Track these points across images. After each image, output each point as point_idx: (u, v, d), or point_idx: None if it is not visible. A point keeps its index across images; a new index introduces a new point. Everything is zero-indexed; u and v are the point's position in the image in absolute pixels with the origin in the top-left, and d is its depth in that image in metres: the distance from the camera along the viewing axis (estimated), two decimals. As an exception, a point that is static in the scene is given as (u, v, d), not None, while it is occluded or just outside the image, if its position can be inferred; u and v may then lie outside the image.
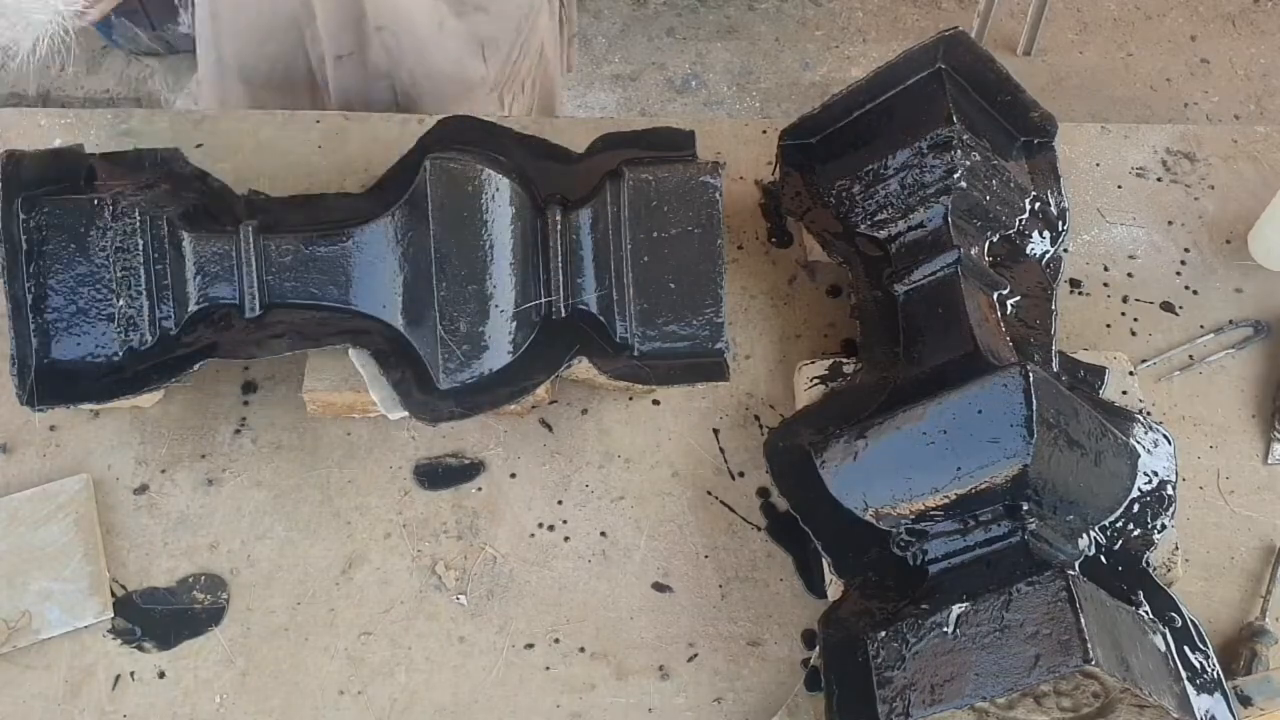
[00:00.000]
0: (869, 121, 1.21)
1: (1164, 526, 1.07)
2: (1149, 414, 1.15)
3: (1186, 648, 0.99)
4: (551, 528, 1.11)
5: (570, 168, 1.18)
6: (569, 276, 1.11)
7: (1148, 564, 1.05)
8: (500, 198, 1.08)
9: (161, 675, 1.03)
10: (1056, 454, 0.96)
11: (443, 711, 1.02)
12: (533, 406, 1.16)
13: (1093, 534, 1.03)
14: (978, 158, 1.14)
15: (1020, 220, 1.20)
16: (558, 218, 1.11)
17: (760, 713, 1.03)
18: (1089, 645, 0.83)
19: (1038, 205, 1.23)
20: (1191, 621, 1.01)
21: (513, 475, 1.14)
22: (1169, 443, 1.11)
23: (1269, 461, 1.17)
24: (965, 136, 1.13)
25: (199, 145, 1.31)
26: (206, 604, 1.06)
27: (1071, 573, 0.88)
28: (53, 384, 1.06)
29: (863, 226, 1.19)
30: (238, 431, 1.15)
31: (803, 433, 1.10)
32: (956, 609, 0.91)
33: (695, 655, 1.06)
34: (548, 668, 1.05)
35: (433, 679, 1.04)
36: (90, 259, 1.07)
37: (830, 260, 1.22)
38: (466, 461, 1.15)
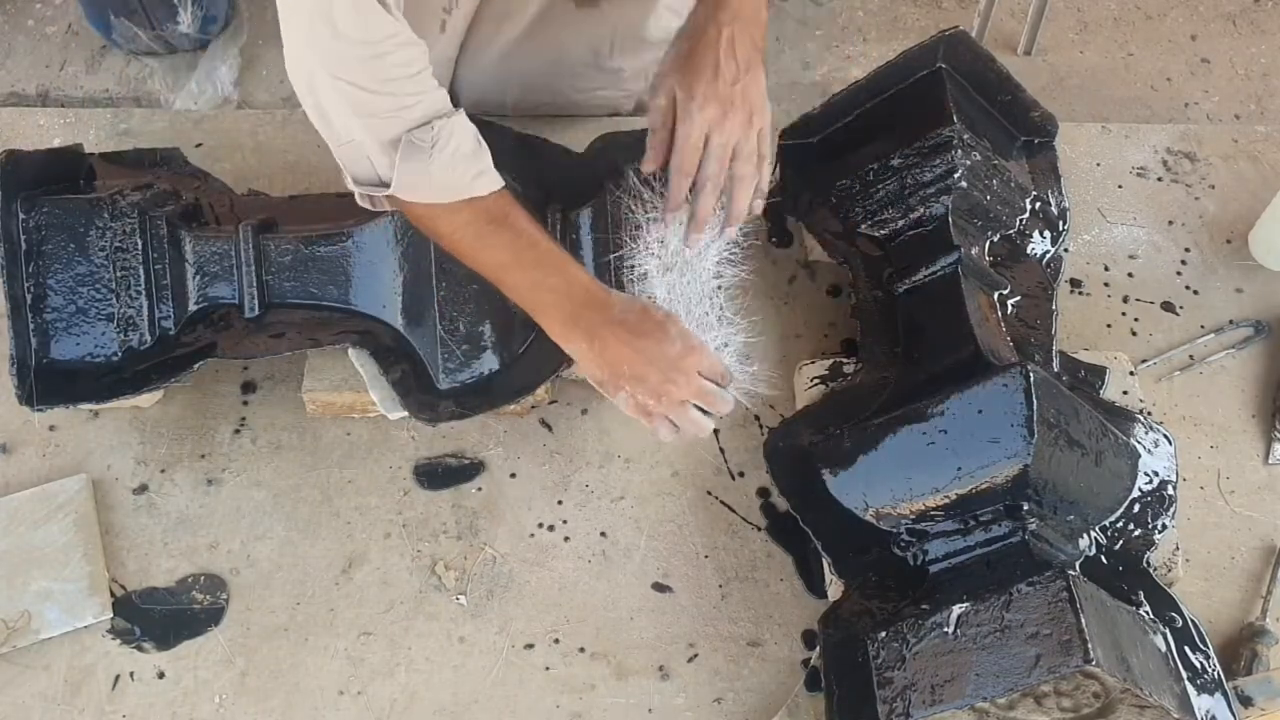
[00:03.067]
0: (870, 121, 1.21)
1: (1164, 526, 1.07)
2: (1149, 414, 1.14)
3: (1187, 648, 0.99)
4: (551, 528, 1.11)
5: (570, 167, 1.18)
6: (569, 276, 1.11)
7: (1148, 564, 1.05)
8: (500, 197, 1.08)
9: (161, 675, 1.03)
10: (1057, 454, 0.95)
11: (443, 711, 1.02)
12: (533, 406, 1.16)
13: (1093, 534, 1.03)
14: (978, 157, 1.14)
15: (1020, 220, 1.20)
16: (558, 218, 1.11)
17: (760, 713, 1.03)
18: (1089, 645, 0.83)
19: (1038, 205, 1.23)
20: (1192, 621, 1.01)
21: (513, 475, 1.14)
22: (1169, 443, 1.11)
23: (1269, 461, 1.17)
24: (965, 136, 1.13)
25: (199, 145, 1.31)
26: (206, 604, 1.06)
27: (1072, 573, 0.88)
28: (52, 384, 1.06)
29: (863, 226, 1.18)
30: (237, 431, 1.15)
31: (803, 433, 1.10)
32: (957, 609, 0.91)
33: (695, 655, 1.05)
34: (548, 668, 1.05)
35: (433, 679, 1.04)
36: (89, 259, 1.06)
37: (830, 260, 1.22)
38: (466, 461, 1.15)
